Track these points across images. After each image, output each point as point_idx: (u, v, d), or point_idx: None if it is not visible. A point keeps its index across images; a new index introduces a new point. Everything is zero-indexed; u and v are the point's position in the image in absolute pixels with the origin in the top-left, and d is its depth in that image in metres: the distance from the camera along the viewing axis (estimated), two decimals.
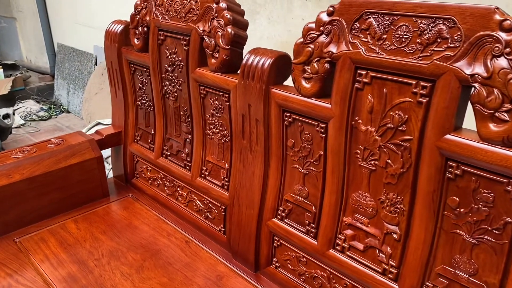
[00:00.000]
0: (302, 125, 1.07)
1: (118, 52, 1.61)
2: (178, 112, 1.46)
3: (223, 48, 1.22)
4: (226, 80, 1.22)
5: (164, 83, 1.47)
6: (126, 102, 1.68)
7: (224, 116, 1.29)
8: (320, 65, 0.99)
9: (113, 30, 1.61)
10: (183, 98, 1.42)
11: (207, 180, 1.41)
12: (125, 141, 1.73)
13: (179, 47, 1.37)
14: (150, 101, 1.57)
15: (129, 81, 1.64)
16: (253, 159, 1.21)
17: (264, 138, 1.16)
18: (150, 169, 1.65)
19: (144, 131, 1.65)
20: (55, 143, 1.60)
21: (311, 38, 1.00)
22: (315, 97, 1.02)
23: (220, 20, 1.22)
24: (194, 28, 1.29)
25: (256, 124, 1.16)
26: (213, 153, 1.37)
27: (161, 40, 1.42)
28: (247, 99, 1.16)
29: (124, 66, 1.62)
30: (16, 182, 1.44)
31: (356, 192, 1.00)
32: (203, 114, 1.36)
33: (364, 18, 0.91)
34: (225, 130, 1.30)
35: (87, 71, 4.36)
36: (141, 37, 1.50)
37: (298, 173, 1.12)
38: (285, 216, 1.18)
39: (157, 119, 1.56)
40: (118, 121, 1.74)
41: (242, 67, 1.15)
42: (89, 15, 4.25)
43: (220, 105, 1.29)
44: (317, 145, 1.05)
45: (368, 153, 0.95)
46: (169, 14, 1.37)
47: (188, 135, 1.45)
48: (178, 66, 1.39)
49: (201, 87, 1.33)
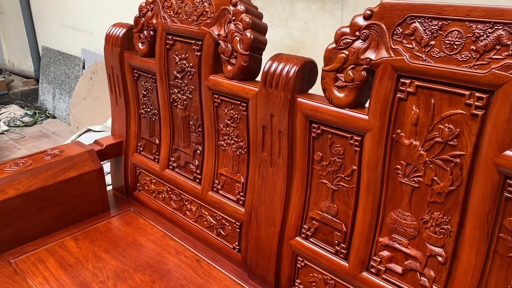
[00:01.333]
0: (333, 138, 0.99)
1: (120, 57, 1.51)
2: (187, 121, 1.37)
3: (241, 53, 1.13)
4: (245, 89, 1.14)
5: (172, 90, 1.38)
6: (128, 110, 1.58)
7: (240, 126, 1.20)
8: (356, 73, 0.91)
9: (115, 34, 1.51)
10: (194, 106, 1.33)
11: (219, 194, 1.31)
12: (126, 152, 1.63)
13: (190, 53, 1.28)
14: (155, 109, 1.48)
15: (131, 88, 1.53)
16: (274, 173, 1.12)
17: (287, 151, 1.08)
18: (155, 181, 1.55)
19: (147, 141, 1.55)
20: (52, 154, 1.49)
21: (345, 44, 0.92)
22: (349, 108, 0.94)
23: (238, 23, 1.13)
24: (208, 32, 1.20)
25: (278, 136, 1.08)
26: (227, 166, 1.28)
27: (169, 44, 1.33)
28: (269, 109, 1.07)
29: (127, 72, 1.52)
30: (10, 198, 1.33)
31: (395, 211, 0.92)
32: (216, 124, 1.27)
33: (408, 22, 0.83)
34: (241, 142, 1.21)
35: (74, 75, 4.21)
36: (146, 42, 1.40)
37: (326, 188, 1.04)
38: (311, 235, 1.09)
39: (163, 129, 1.46)
40: (119, 130, 1.63)
41: (264, 75, 1.07)
42: (77, 17, 4.11)
43: (236, 115, 1.20)
44: (350, 159, 0.97)
45: (411, 169, 0.87)
46: (179, 17, 1.28)
47: (198, 146, 1.36)
48: (188, 73, 1.30)
49: (215, 96, 1.24)
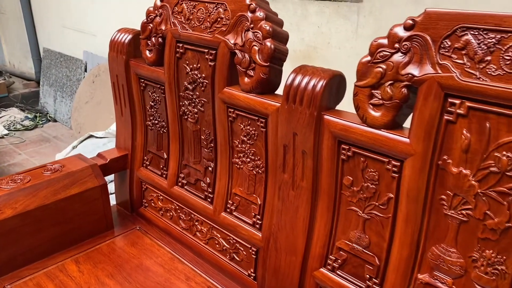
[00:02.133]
0: (366, 161, 0.88)
1: (125, 65, 1.40)
2: (198, 136, 1.26)
3: (260, 65, 1.02)
4: (264, 103, 1.03)
5: (182, 102, 1.27)
6: (134, 121, 1.47)
7: (257, 143, 1.10)
8: (395, 90, 0.81)
9: (120, 40, 1.41)
10: (206, 120, 1.22)
11: (233, 216, 1.21)
12: (131, 166, 1.52)
13: (202, 62, 1.17)
14: (164, 121, 1.37)
15: (138, 99, 1.43)
16: (296, 197, 1.02)
17: (312, 174, 0.97)
18: (162, 198, 1.44)
19: (155, 155, 1.45)
20: (52, 169, 1.38)
21: (382, 57, 0.82)
22: (385, 129, 0.84)
23: (257, 32, 1.03)
24: (222, 41, 1.10)
25: (302, 157, 0.97)
26: (242, 185, 1.17)
27: (179, 53, 1.22)
28: (292, 127, 0.97)
29: (133, 81, 1.42)
30: (7, 219, 1.22)
31: (438, 246, 0.82)
32: (231, 140, 1.17)
33: (459, 34, 0.73)
34: (258, 160, 1.11)
35: (76, 78, 4.11)
36: (154, 49, 1.30)
37: (356, 217, 0.94)
38: (338, 267, 0.99)
39: (172, 143, 1.36)
40: (123, 143, 1.53)
41: (286, 89, 0.96)
42: (79, 19, 4.01)
43: (253, 131, 1.09)
44: (386, 186, 0.87)
45: (459, 200, 0.77)
46: (190, 24, 1.18)
47: (210, 163, 1.25)
48: (200, 84, 1.19)
49: (230, 110, 1.13)
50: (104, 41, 3.77)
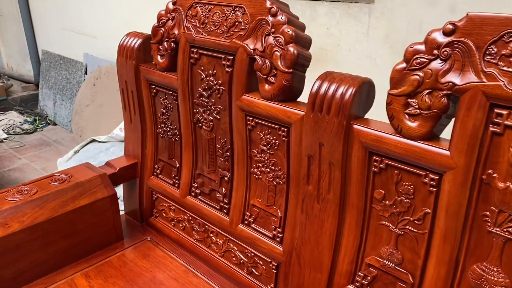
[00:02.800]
0: (400, 174, 0.83)
1: (135, 70, 1.35)
2: (214, 144, 1.21)
3: (282, 71, 0.97)
4: (287, 112, 0.98)
5: (196, 109, 1.22)
6: (144, 129, 1.42)
7: (278, 153, 1.05)
8: (434, 99, 0.76)
9: (129, 45, 1.35)
10: (222, 128, 1.17)
11: (251, 229, 1.16)
12: (141, 174, 1.47)
13: (218, 68, 1.12)
14: (176, 129, 1.32)
15: (148, 105, 1.38)
16: (322, 210, 0.97)
17: (340, 186, 0.92)
18: (174, 208, 1.39)
19: (166, 164, 1.40)
20: (60, 179, 1.33)
21: (419, 64, 0.77)
22: (423, 140, 0.79)
23: (279, 37, 0.97)
24: (241, 46, 1.05)
25: (329, 168, 0.92)
26: (261, 197, 1.12)
27: (194, 58, 1.17)
28: (318, 137, 0.92)
29: (143, 88, 1.36)
30: (14, 233, 1.17)
31: (480, 264, 0.77)
32: (249, 150, 1.12)
33: (506, 40, 0.68)
34: (279, 171, 1.06)
35: (76, 80, 4.05)
36: (166, 54, 1.24)
37: (388, 232, 0.89)
38: (367, 284, 0.94)
39: (185, 151, 1.31)
40: (133, 151, 1.48)
41: (312, 97, 0.91)
42: (79, 21, 3.95)
43: (274, 141, 1.04)
44: (422, 200, 0.82)
45: (505, 217, 0.72)
46: (205, 28, 1.13)
47: (226, 172, 1.20)
48: (216, 91, 1.14)
49: (249, 118, 1.08)
50: (104, 43, 3.72)
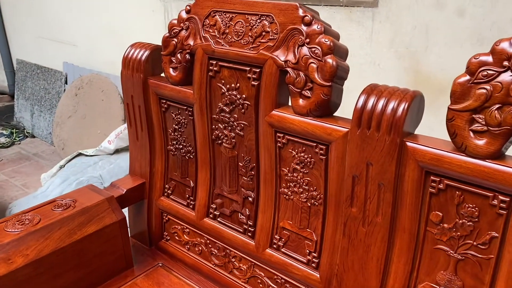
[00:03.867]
0: (463, 196, 0.77)
1: (143, 84, 1.25)
2: (235, 162, 1.13)
3: (320, 84, 0.90)
4: (326, 128, 0.91)
5: (215, 125, 1.13)
6: (153, 146, 1.32)
7: (314, 173, 0.97)
8: (505, 115, 0.70)
9: (135, 57, 1.25)
10: (245, 145, 1.09)
11: (282, 253, 1.08)
12: (150, 195, 1.37)
13: (242, 82, 1.04)
14: (190, 146, 1.23)
15: (158, 121, 1.28)
16: (368, 234, 0.89)
17: (391, 209, 0.85)
18: (188, 231, 1.30)
19: (178, 183, 1.30)
20: (63, 205, 1.22)
21: (486, 76, 0.71)
22: (491, 159, 0.72)
23: (315, 47, 0.90)
24: (270, 58, 0.97)
25: (378, 190, 0.85)
26: (292, 219, 1.04)
27: (213, 71, 1.08)
28: (366, 156, 0.85)
29: (152, 102, 1.26)
30: (19, 269, 1.05)
31: None
32: (279, 168, 1.03)
33: None
34: (314, 191, 0.98)
35: (55, 90, 3.88)
36: (180, 67, 1.15)
37: (445, 257, 0.82)
38: None
39: (201, 170, 1.21)
40: (140, 170, 1.37)
41: (358, 113, 0.84)
42: (57, 29, 3.78)
43: (309, 159, 0.97)
44: (488, 223, 0.75)
45: None
46: (226, 38, 1.04)
47: (250, 193, 1.12)
48: (240, 106, 1.06)
49: (279, 134, 1.00)
50: (86, 51, 3.57)
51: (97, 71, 3.43)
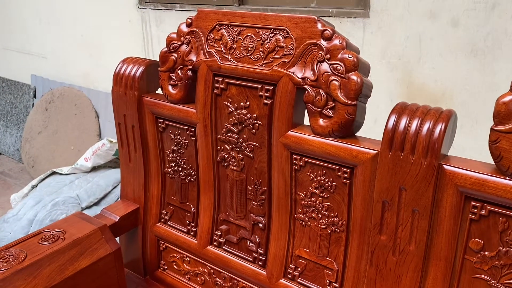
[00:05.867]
0: (507, 222, 0.72)
1: (138, 102, 1.15)
2: (244, 186, 1.05)
3: (344, 103, 0.83)
4: (352, 150, 0.84)
5: (220, 147, 1.05)
6: (147, 169, 1.22)
7: (336, 197, 0.90)
8: None
9: (128, 73, 1.16)
10: (256, 168, 1.01)
11: (297, 284, 1.00)
12: (144, 221, 1.27)
13: (253, 100, 0.96)
14: (191, 168, 1.14)
15: (154, 142, 1.18)
16: (399, 263, 0.83)
17: (426, 236, 0.79)
18: (189, 260, 1.20)
19: (177, 208, 1.20)
20: (52, 237, 1.10)
21: None
22: None
23: (338, 64, 0.83)
24: (285, 75, 0.90)
25: (411, 216, 0.79)
26: (309, 246, 0.97)
27: (219, 89, 1.00)
28: (399, 180, 0.79)
29: (147, 122, 1.17)
30: None
31: None
32: (294, 193, 0.96)
33: None
34: (335, 217, 0.91)
35: (23, 105, 3.69)
36: (181, 84, 1.06)
37: (486, 286, 0.76)
38: None
39: (204, 194, 1.13)
40: (132, 194, 1.27)
41: (389, 134, 0.78)
42: (24, 40, 3.60)
43: (329, 183, 0.90)
44: None
45: None
46: (234, 54, 0.96)
47: (261, 218, 1.04)
48: (250, 126, 0.98)
49: (295, 157, 0.93)
50: (56, 63, 3.40)
51: (68, 84, 3.27)
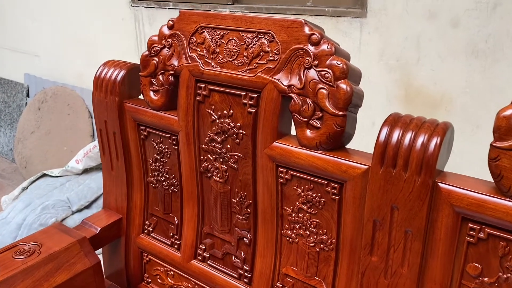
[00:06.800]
0: (508, 247, 0.66)
1: (119, 108, 1.09)
2: (228, 198, 0.99)
3: (333, 114, 0.77)
4: (341, 165, 0.78)
5: (204, 156, 0.99)
6: (130, 178, 1.16)
7: (324, 214, 0.84)
8: None
9: (109, 77, 1.10)
10: (240, 180, 0.95)
11: None
12: (127, 232, 1.21)
13: (237, 108, 0.90)
14: (174, 178, 1.08)
15: (136, 150, 1.12)
16: (391, 286, 0.77)
17: (419, 259, 0.73)
18: (173, 274, 1.14)
19: (161, 220, 1.15)
20: (26, 251, 1.04)
21: None
22: None
23: (326, 71, 0.77)
24: (270, 82, 0.84)
25: (404, 237, 0.73)
26: (297, 265, 0.91)
27: (202, 96, 0.94)
28: (391, 198, 0.72)
29: (129, 129, 1.11)
30: None
31: None
32: (280, 207, 0.90)
33: None
34: (323, 235, 0.85)
35: (16, 104, 3.63)
36: (163, 90, 1.00)
37: None
38: None
39: (187, 205, 1.07)
40: (115, 204, 1.21)
41: (380, 148, 0.72)
42: (18, 39, 3.54)
43: (318, 199, 0.84)
44: None
45: None
46: (217, 59, 0.90)
47: (246, 233, 0.98)
48: (234, 136, 0.92)
49: (281, 169, 0.87)
50: (49, 62, 3.34)
51: (62, 84, 3.21)
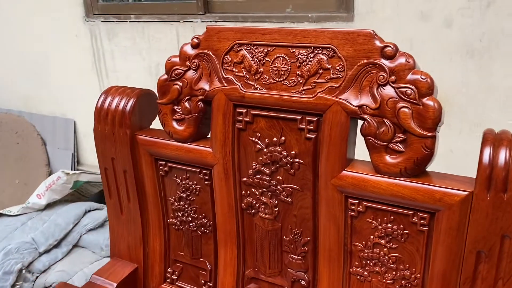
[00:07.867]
0: None
1: (131, 143, 0.93)
2: (279, 236, 0.86)
3: (421, 135, 0.68)
4: (434, 192, 0.68)
5: (246, 191, 0.86)
6: (145, 221, 1.00)
7: (408, 248, 0.74)
8: None
9: (115, 107, 0.93)
10: (295, 215, 0.83)
11: None
12: (145, 283, 1.04)
13: (290, 134, 0.78)
14: (205, 218, 0.93)
15: (153, 189, 0.97)
16: None
17: None
18: None
19: (188, 266, 1.00)
20: None
21: None
22: None
23: (408, 87, 0.68)
24: (335, 103, 0.73)
25: None
26: None
27: (243, 122, 0.81)
28: (501, 227, 0.64)
29: (144, 166, 0.95)
30: None
31: None
32: (349, 243, 0.79)
33: None
34: (406, 270, 0.76)
35: None
36: (190, 119, 0.86)
37: None
38: None
39: (224, 247, 0.93)
40: (128, 252, 1.04)
41: (484, 169, 0.63)
42: None
43: (399, 231, 0.74)
44: None
45: None
46: (261, 80, 0.78)
47: (303, 274, 0.86)
48: (288, 165, 0.80)
49: (353, 201, 0.76)
50: None
51: (6, 110, 2.90)
